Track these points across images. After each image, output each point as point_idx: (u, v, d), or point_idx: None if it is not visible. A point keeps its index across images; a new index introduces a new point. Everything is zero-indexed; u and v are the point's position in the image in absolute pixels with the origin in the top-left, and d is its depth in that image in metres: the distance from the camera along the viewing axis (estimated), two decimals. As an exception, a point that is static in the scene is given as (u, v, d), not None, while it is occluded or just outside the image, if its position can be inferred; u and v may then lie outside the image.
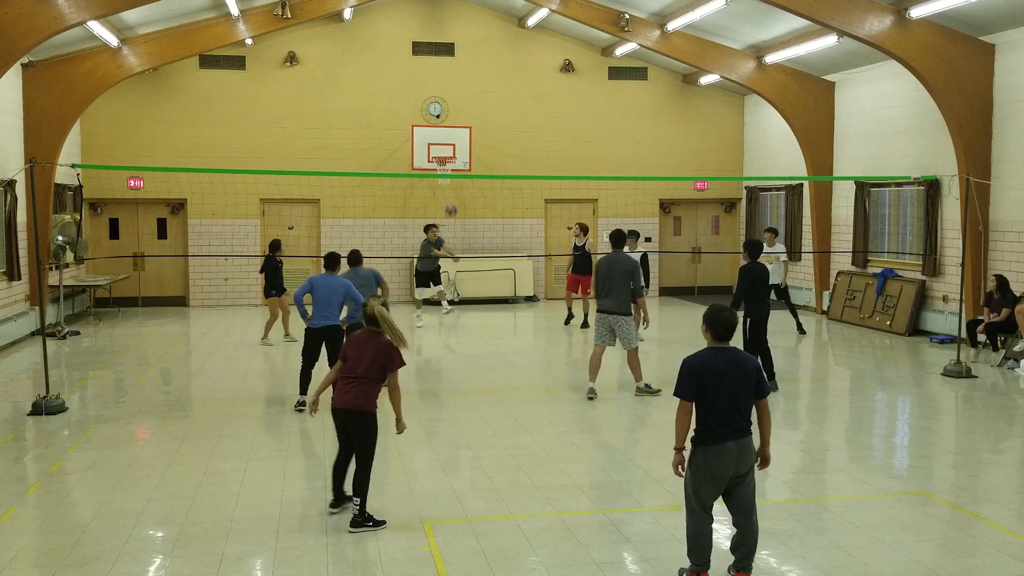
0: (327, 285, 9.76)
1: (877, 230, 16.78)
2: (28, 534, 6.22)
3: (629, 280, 10.26)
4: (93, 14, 12.74)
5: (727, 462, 5.15)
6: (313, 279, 9.87)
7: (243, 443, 8.54)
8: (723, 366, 5.22)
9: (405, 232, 20.03)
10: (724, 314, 5.35)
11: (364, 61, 19.67)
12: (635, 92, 20.80)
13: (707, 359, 5.26)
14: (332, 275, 9.88)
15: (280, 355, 13.46)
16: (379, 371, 6.33)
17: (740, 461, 5.17)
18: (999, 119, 13.62)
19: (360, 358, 6.33)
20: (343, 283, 9.77)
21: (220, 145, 18.98)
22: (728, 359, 5.25)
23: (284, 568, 5.66)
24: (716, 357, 5.26)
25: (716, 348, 5.32)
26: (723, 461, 5.15)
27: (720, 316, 5.34)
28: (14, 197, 14.39)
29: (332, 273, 9.93)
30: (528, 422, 9.48)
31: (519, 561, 5.76)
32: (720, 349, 5.31)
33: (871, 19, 13.38)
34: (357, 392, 6.28)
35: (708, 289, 21.63)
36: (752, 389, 5.24)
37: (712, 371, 5.19)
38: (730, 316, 5.34)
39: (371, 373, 6.31)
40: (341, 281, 9.79)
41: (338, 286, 9.72)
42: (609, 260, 10.44)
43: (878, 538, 6.12)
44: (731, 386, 5.18)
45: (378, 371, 6.32)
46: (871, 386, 11.46)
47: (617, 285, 10.26)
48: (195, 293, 19.39)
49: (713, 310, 5.39)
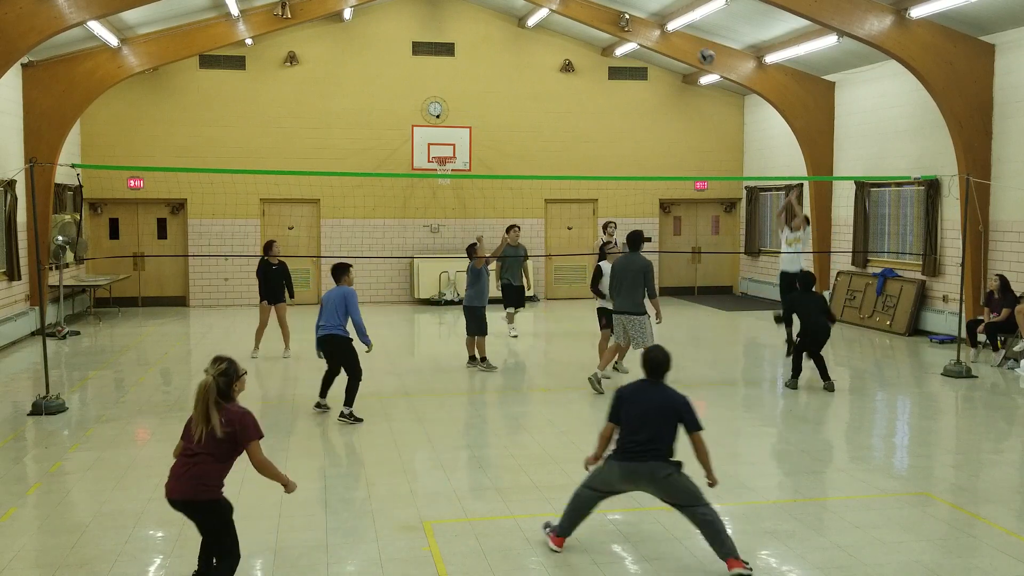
0: (329, 295, 9.74)
1: (877, 230, 16.77)
2: (28, 534, 6.22)
3: (642, 280, 10.30)
4: (93, 14, 12.74)
5: (617, 476, 5.74)
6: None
7: (243, 443, 8.53)
8: (645, 402, 5.73)
9: (405, 232, 20.03)
10: (651, 353, 5.87)
11: (364, 61, 19.67)
12: (635, 92, 20.80)
13: (633, 393, 5.83)
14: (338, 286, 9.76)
15: (279, 355, 13.44)
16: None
17: (638, 481, 5.70)
18: (999, 119, 13.62)
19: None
20: (342, 292, 9.61)
21: (220, 145, 18.98)
22: (652, 396, 5.75)
23: (284, 568, 5.66)
24: (642, 393, 5.80)
25: (645, 383, 5.86)
26: (612, 475, 5.75)
27: (646, 355, 5.88)
28: (14, 197, 14.38)
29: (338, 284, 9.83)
30: (528, 422, 9.48)
31: (519, 561, 5.76)
32: (648, 385, 5.83)
33: (871, 19, 13.38)
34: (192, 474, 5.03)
35: (708, 289, 21.63)
36: (675, 425, 5.69)
37: (634, 406, 5.74)
38: (656, 355, 5.83)
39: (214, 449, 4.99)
40: (341, 291, 9.63)
41: (337, 295, 9.60)
42: (625, 261, 10.55)
43: (878, 538, 6.12)
44: (650, 421, 5.65)
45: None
46: (871, 386, 11.46)
47: (629, 285, 10.32)
48: (195, 293, 19.39)
49: (651, 350, 5.92)
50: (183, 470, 5.01)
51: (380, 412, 9.84)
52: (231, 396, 5.03)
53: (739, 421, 9.60)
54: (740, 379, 11.99)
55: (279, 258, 13.15)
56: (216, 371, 4.96)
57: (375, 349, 10.37)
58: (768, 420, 9.70)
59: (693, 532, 6.26)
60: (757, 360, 13.83)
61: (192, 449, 4.98)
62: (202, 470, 4.97)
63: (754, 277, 21.08)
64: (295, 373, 12.15)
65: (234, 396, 5.06)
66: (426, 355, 14.53)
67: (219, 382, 4.94)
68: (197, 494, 4.98)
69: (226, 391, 4.99)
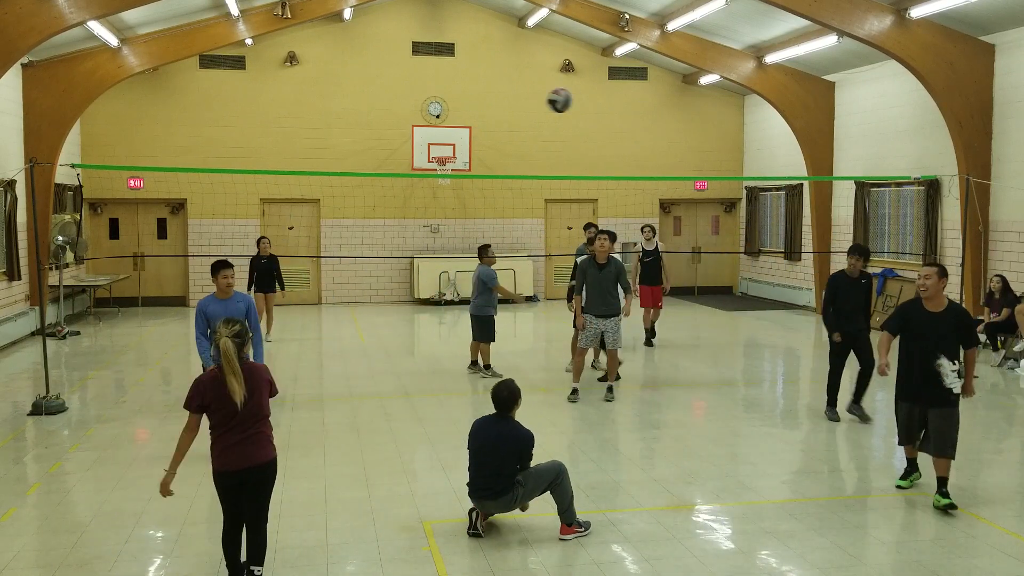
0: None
1: (877, 230, 16.77)
2: (28, 534, 6.22)
3: (617, 281, 10.26)
4: (93, 14, 12.75)
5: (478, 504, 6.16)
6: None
7: (243, 443, 8.53)
8: (491, 434, 6.14)
9: (405, 232, 20.03)
10: (497, 389, 6.23)
11: (364, 61, 19.67)
12: (635, 92, 20.80)
13: (480, 427, 6.26)
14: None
15: (278, 354, 13.45)
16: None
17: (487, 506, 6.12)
18: (999, 119, 13.62)
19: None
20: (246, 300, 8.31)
21: (220, 145, 18.98)
22: (497, 430, 6.15)
23: (284, 568, 5.66)
24: (488, 426, 6.22)
25: (494, 417, 6.23)
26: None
27: (494, 391, 6.23)
28: (14, 197, 14.39)
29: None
30: (528, 422, 9.45)
31: (519, 561, 5.76)
32: (495, 418, 6.21)
33: (871, 19, 13.38)
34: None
35: (708, 289, 21.63)
36: (515, 460, 6.08)
37: (478, 438, 6.20)
38: (501, 391, 6.19)
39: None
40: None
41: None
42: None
43: (878, 538, 6.12)
44: (490, 452, 6.09)
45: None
46: (871, 386, 11.44)
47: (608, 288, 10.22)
48: (195, 293, 19.37)
49: (495, 386, 6.27)
50: (244, 437, 5.10)
51: (380, 412, 9.84)
52: (244, 356, 5.19)
53: (739, 421, 9.60)
54: (740, 379, 11.98)
55: (269, 253, 14.62)
56: (230, 332, 5.07)
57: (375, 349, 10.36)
58: (768, 420, 9.70)
59: (693, 532, 6.27)
60: (757, 360, 13.82)
61: (247, 417, 5.07)
62: (265, 432, 5.20)
63: (754, 277, 21.08)
64: (295, 373, 12.16)
65: (245, 357, 5.22)
66: (426, 355, 14.53)
67: (235, 343, 5.07)
68: (268, 454, 5.18)
69: (240, 351, 5.14)
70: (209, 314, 7.75)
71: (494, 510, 6.18)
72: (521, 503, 6.18)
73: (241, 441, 5.11)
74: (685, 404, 10.36)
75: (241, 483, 5.17)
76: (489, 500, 6.06)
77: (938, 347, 6.65)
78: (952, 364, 6.62)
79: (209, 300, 7.94)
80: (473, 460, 6.21)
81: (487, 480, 6.05)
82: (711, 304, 19.72)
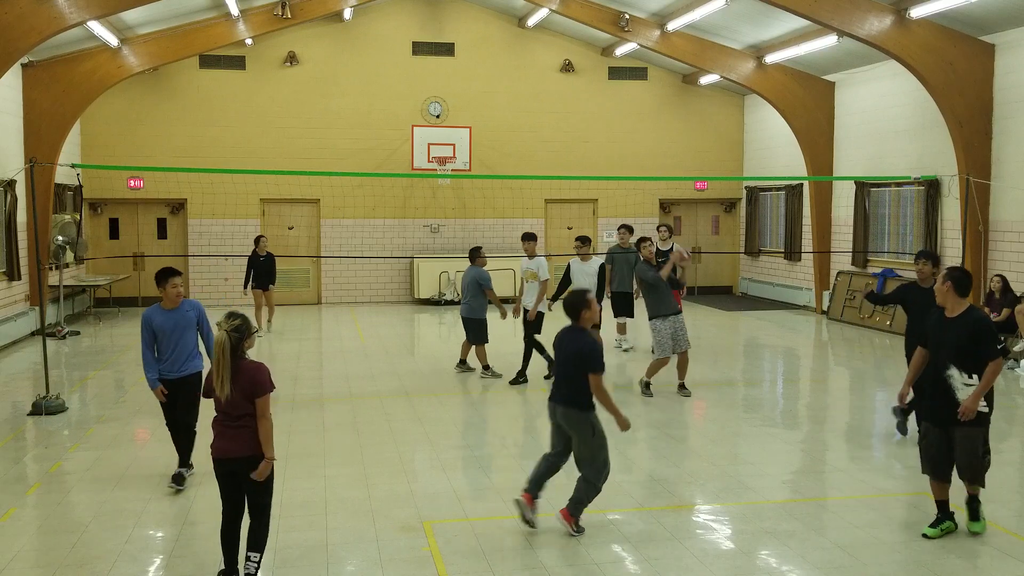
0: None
1: (877, 230, 16.77)
2: (28, 534, 6.22)
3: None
4: (93, 14, 12.74)
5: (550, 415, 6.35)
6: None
7: (243, 443, 8.53)
8: (563, 342, 6.31)
9: (405, 232, 20.03)
10: (566, 299, 6.42)
11: (364, 61, 19.67)
12: (635, 92, 20.80)
13: (558, 336, 6.41)
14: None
15: (278, 354, 13.45)
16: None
17: (554, 419, 6.28)
18: (999, 119, 13.62)
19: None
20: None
21: (220, 145, 18.98)
22: (568, 339, 6.30)
23: (284, 568, 5.66)
24: (562, 335, 6.37)
25: (568, 327, 6.37)
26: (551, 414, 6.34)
27: (564, 301, 6.44)
28: (14, 197, 14.39)
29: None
30: (528, 422, 9.47)
31: (519, 561, 5.76)
32: (568, 328, 6.36)
33: (871, 19, 13.38)
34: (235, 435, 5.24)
35: (708, 289, 21.62)
36: (573, 366, 6.14)
37: (556, 345, 6.39)
38: (568, 299, 6.34)
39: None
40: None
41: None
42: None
43: (878, 538, 6.12)
44: (561, 360, 6.29)
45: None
46: (871, 386, 11.46)
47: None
48: (195, 293, 19.36)
49: (566, 297, 6.50)
50: (230, 431, 5.19)
51: (380, 412, 9.84)
52: (242, 352, 5.18)
53: (739, 421, 9.60)
54: (740, 379, 11.98)
55: (266, 251, 15.48)
56: (230, 326, 5.12)
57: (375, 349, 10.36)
58: (768, 420, 9.70)
59: (693, 532, 6.27)
60: (757, 360, 13.82)
61: (230, 410, 5.15)
62: (251, 427, 5.17)
63: (754, 277, 21.09)
64: (295, 373, 12.16)
65: (244, 352, 5.20)
66: (426, 355, 14.51)
67: (232, 337, 5.10)
68: (248, 450, 5.16)
69: (238, 346, 5.14)
70: (155, 326, 7.02)
71: (562, 422, 6.21)
72: (580, 447, 6.17)
73: (224, 431, 5.23)
74: (685, 404, 10.36)
75: (231, 472, 5.24)
76: (560, 404, 6.20)
77: (950, 357, 5.98)
78: (965, 377, 5.94)
79: (154, 311, 7.10)
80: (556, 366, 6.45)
81: (558, 383, 6.25)
82: (711, 304, 19.73)
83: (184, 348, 7.09)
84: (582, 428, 6.11)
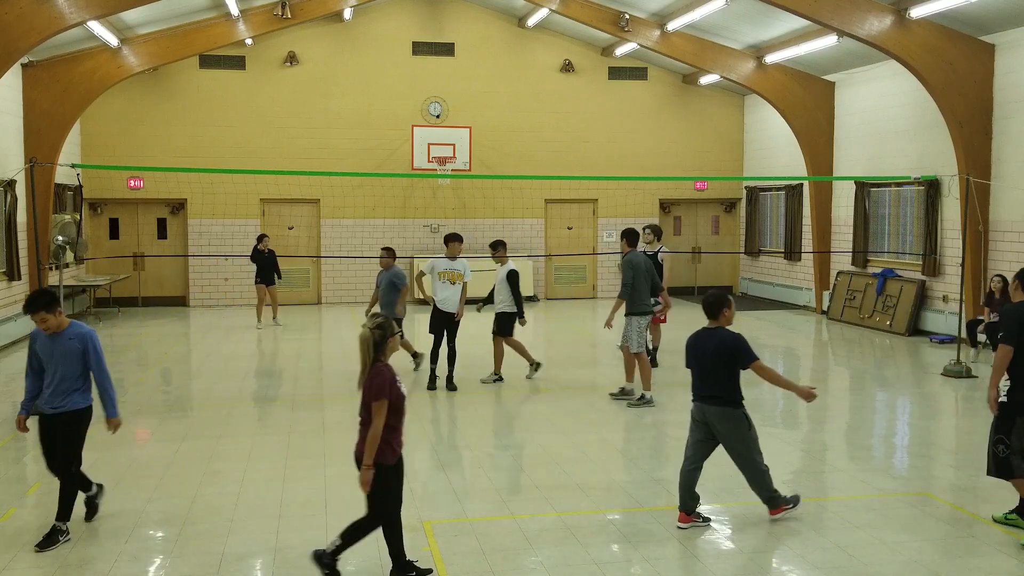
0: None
1: (877, 230, 16.78)
2: (28, 534, 6.21)
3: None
4: (93, 14, 12.74)
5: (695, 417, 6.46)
6: None
7: (243, 443, 8.54)
8: (700, 341, 6.38)
9: (405, 232, 20.03)
10: (705, 297, 6.48)
11: (364, 61, 19.68)
12: (635, 92, 20.80)
13: (691, 337, 6.46)
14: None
15: (278, 354, 13.44)
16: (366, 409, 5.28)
17: (702, 421, 6.39)
18: (999, 119, 13.62)
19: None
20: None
21: (220, 145, 18.98)
22: (703, 336, 6.38)
23: (284, 568, 5.66)
24: (699, 335, 6.42)
25: (705, 327, 6.42)
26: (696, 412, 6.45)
27: (703, 301, 6.48)
28: (14, 197, 14.39)
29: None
30: (528, 422, 9.48)
31: (519, 561, 5.76)
32: (705, 329, 6.40)
33: (871, 19, 13.38)
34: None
35: (708, 289, 21.58)
36: (721, 364, 6.24)
37: (693, 347, 6.43)
38: (708, 299, 6.43)
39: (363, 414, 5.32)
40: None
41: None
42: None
43: (878, 538, 6.12)
44: (699, 357, 6.36)
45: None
46: (871, 386, 11.46)
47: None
48: (195, 293, 19.39)
49: (705, 296, 6.54)
50: (360, 433, 5.30)
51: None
52: (383, 354, 5.22)
53: (739, 421, 9.59)
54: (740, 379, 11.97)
55: (269, 248, 16.28)
56: (373, 324, 5.24)
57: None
58: (768, 420, 9.70)
59: (693, 532, 6.27)
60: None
61: (361, 410, 5.27)
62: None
63: (754, 277, 21.09)
64: (295, 373, 12.16)
65: (386, 355, 5.24)
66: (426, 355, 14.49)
67: (375, 335, 5.18)
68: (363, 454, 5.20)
69: (381, 345, 5.18)
70: (37, 348, 6.28)
71: (714, 421, 6.30)
72: (735, 443, 6.32)
73: (360, 433, 5.31)
74: (685, 404, 10.32)
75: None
76: (710, 404, 6.29)
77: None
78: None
79: (39, 331, 6.27)
80: (691, 369, 6.49)
81: (702, 384, 6.36)
82: (711, 304, 19.70)
83: (65, 380, 6.15)
84: (737, 424, 6.28)
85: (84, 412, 6.21)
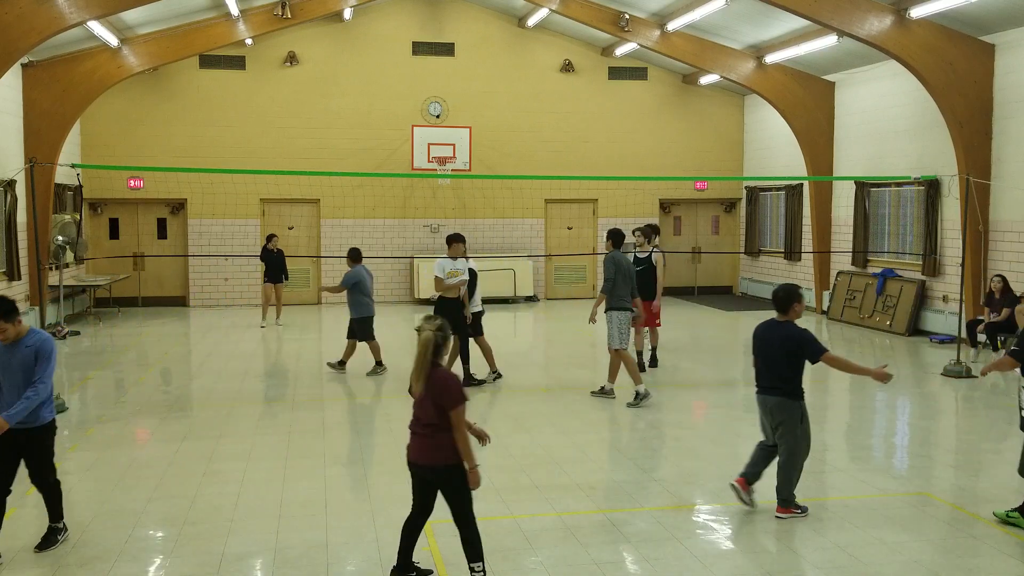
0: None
1: (877, 230, 16.77)
2: (28, 534, 6.21)
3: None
4: (93, 14, 12.74)
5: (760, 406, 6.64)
6: None
7: (243, 443, 8.54)
8: (765, 333, 6.54)
9: (405, 232, 20.03)
10: (775, 290, 6.59)
11: (364, 61, 19.67)
12: (635, 92, 20.80)
13: (759, 328, 6.63)
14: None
15: (278, 354, 13.45)
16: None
17: (765, 410, 6.57)
18: (999, 119, 13.62)
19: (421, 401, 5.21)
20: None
21: (220, 145, 18.98)
22: (770, 328, 6.54)
23: (284, 568, 5.66)
24: (765, 327, 6.58)
25: (772, 319, 6.56)
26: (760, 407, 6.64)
27: (773, 293, 6.59)
28: (14, 197, 14.39)
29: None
30: (528, 422, 9.47)
31: (519, 561, 5.76)
32: (773, 320, 6.55)
33: (871, 19, 13.38)
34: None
35: (708, 289, 21.63)
36: (786, 357, 6.38)
37: (760, 338, 6.58)
38: (778, 291, 6.53)
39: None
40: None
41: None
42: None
43: (878, 538, 6.12)
44: (764, 350, 6.52)
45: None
46: (871, 386, 11.45)
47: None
48: (195, 293, 19.39)
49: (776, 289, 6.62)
50: (417, 438, 5.18)
51: (380, 412, 9.83)
52: (440, 357, 5.14)
53: (739, 421, 9.59)
54: (740, 379, 11.98)
55: (278, 248, 16.53)
56: (433, 326, 5.09)
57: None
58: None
59: (693, 532, 6.27)
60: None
61: (421, 415, 5.13)
62: (442, 439, 5.06)
63: (754, 277, 21.08)
64: (295, 373, 12.16)
65: (443, 357, 5.19)
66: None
67: (437, 337, 5.08)
68: (435, 460, 5.11)
69: (441, 347, 5.11)
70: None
71: (772, 411, 6.46)
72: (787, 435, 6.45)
73: (413, 437, 5.23)
74: (685, 404, 10.36)
75: (418, 477, 5.28)
76: (770, 395, 6.48)
77: None
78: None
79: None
80: (756, 359, 6.64)
81: (765, 375, 6.50)
82: (711, 304, 19.73)
83: (23, 390, 5.73)
84: (792, 416, 6.40)
85: (52, 424, 5.98)
